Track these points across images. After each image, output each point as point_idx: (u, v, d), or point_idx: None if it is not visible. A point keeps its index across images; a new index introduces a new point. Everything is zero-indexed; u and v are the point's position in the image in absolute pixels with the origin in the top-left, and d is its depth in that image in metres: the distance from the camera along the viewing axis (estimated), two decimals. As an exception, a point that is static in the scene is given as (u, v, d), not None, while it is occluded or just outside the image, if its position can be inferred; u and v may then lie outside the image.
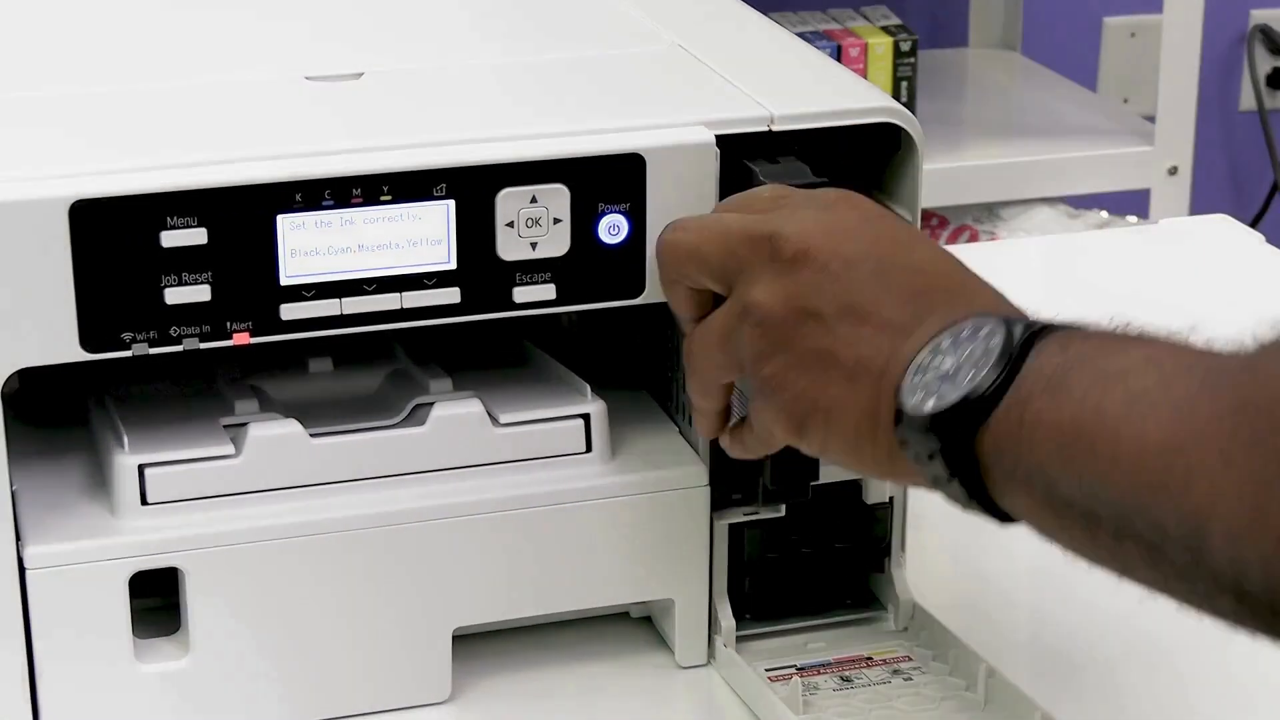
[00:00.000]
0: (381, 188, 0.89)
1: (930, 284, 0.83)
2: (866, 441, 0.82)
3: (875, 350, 0.82)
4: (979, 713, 0.94)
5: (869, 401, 0.81)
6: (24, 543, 0.90)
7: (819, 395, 0.83)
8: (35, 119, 0.95)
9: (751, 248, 0.86)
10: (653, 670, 1.00)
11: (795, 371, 0.84)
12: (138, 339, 0.88)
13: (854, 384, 0.82)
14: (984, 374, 0.76)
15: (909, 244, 0.86)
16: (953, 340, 0.79)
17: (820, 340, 0.83)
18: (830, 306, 0.83)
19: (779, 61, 1.05)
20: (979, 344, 0.78)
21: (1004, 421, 0.76)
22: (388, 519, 0.94)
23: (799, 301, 0.84)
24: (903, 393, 0.79)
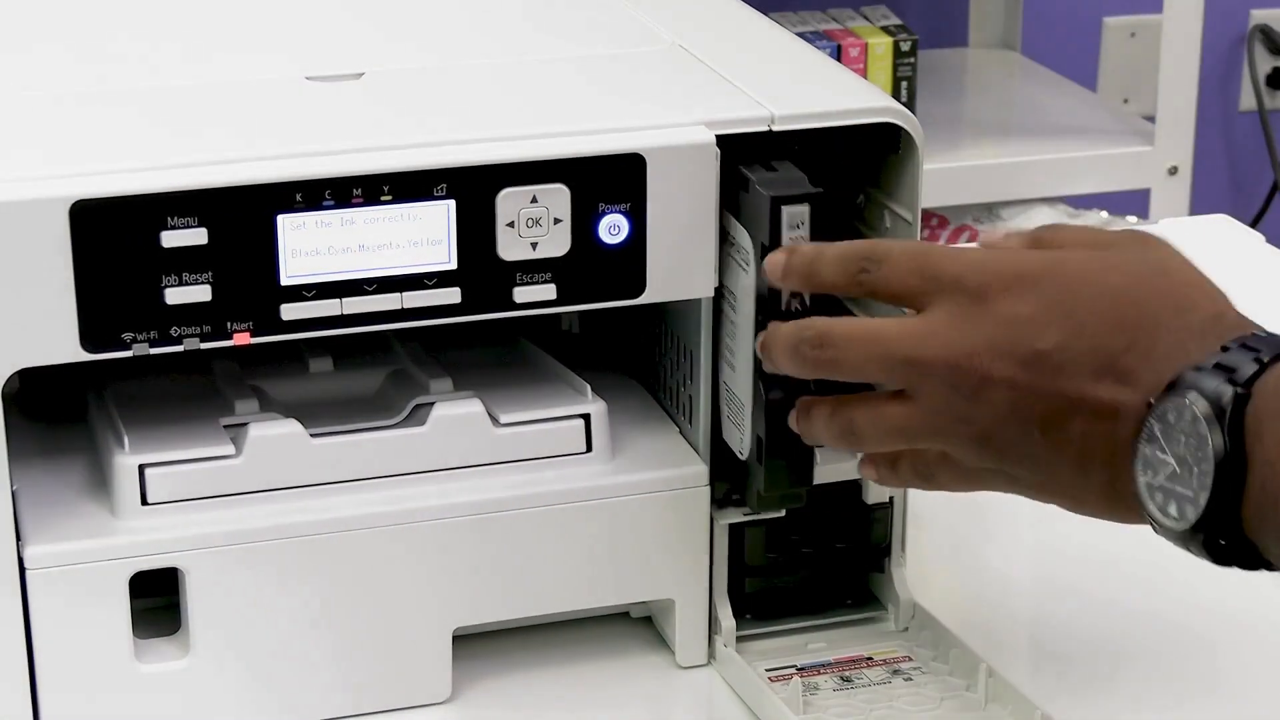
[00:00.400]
0: (382, 188, 0.89)
1: (1138, 339, 0.79)
2: (1116, 508, 0.81)
3: (1093, 441, 0.79)
4: (979, 712, 0.94)
5: (1104, 482, 0.80)
6: (24, 543, 0.90)
7: (1052, 483, 0.82)
8: (36, 119, 0.95)
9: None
10: (653, 670, 1.00)
11: (1014, 458, 0.82)
12: (138, 339, 0.88)
13: (1085, 472, 0.80)
14: (1212, 472, 0.74)
15: (1094, 273, 0.82)
16: (1163, 425, 0.77)
17: (1048, 383, 0.80)
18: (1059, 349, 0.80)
19: (779, 62, 1.04)
20: (1192, 436, 0.75)
21: (1260, 493, 0.74)
22: (388, 519, 0.94)
23: (1022, 342, 0.81)
24: (1142, 494, 0.78)
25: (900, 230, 0.96)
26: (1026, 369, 0.80)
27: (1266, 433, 0.74)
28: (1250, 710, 0.98)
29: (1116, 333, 0.79)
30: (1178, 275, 0.82)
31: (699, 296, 0.95)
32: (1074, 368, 0.79)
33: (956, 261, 0.83)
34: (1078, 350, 0.79)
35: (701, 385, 0.97)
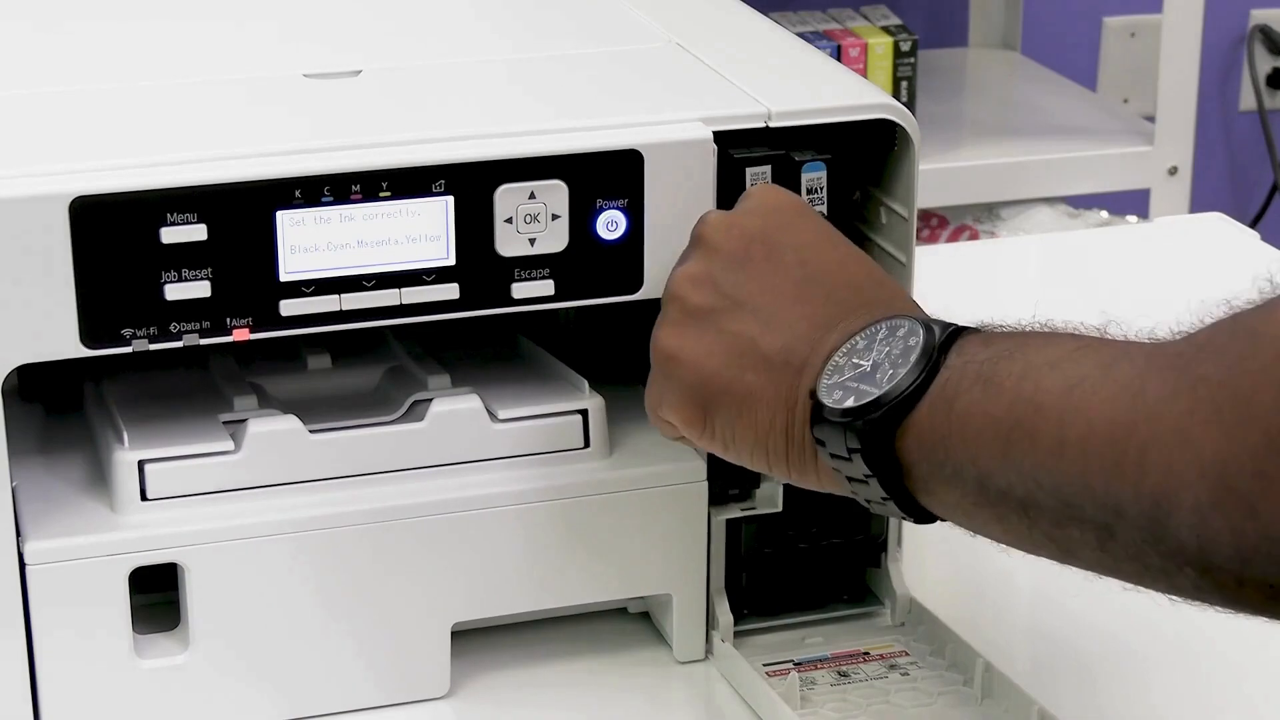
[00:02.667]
0: (380, 184, 0.89)
1: (854, 283, 0.84)
2: (779, 436, 0.82)
3: (798, 339, 0.81)
4: (976, 707, 0.95)
5: (787, 393, 0.81)
6: (24, 538, 0.90)
7: (733, 380, 0.83)
8: (36, 116, 0.95)
9: (690, 245, 0.87)
10: (650, 665, 1.00)
11: (706, 351, 0.83)
12: (138, 335, 0.88)
13: (773, 374, 0.82)
14: (904, 372, 0.77)
15: (831, 239, 0.86)
16: (869, 340, 0.79)
17: (742, 324, 0.83)
18: (749, 293, 0.83)
19: (776, 59, 1.05)
20: (897, 343, 0.78)
21: (928, 418, 0.76)
22: (387, 514, 0.94)
23: (718, 284, 0.84)
24: (820, 391, 0.79)
25: (896, 227, 0.96)
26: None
27: (957, 372, 0.76)
28: (1248, 708, 0.99)
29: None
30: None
31: (696, 292, 0.95)
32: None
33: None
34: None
35: (699, 381, 0.97)
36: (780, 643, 1.00)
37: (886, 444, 0.77)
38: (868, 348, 0.79)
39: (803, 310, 0.82)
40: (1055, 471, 0.71)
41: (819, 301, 0.82)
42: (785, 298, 0.83)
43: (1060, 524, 0.72)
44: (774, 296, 0.83)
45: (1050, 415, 0.71)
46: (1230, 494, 0.64)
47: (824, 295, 0.83)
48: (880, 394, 0.77)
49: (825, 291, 0.83)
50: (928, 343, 0.77)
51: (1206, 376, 0.66)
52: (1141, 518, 0.68)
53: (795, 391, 0.81)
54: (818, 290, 0.83)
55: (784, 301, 0.83)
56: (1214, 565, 0.66)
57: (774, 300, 0.83)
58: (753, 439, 0.83)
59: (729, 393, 0.83)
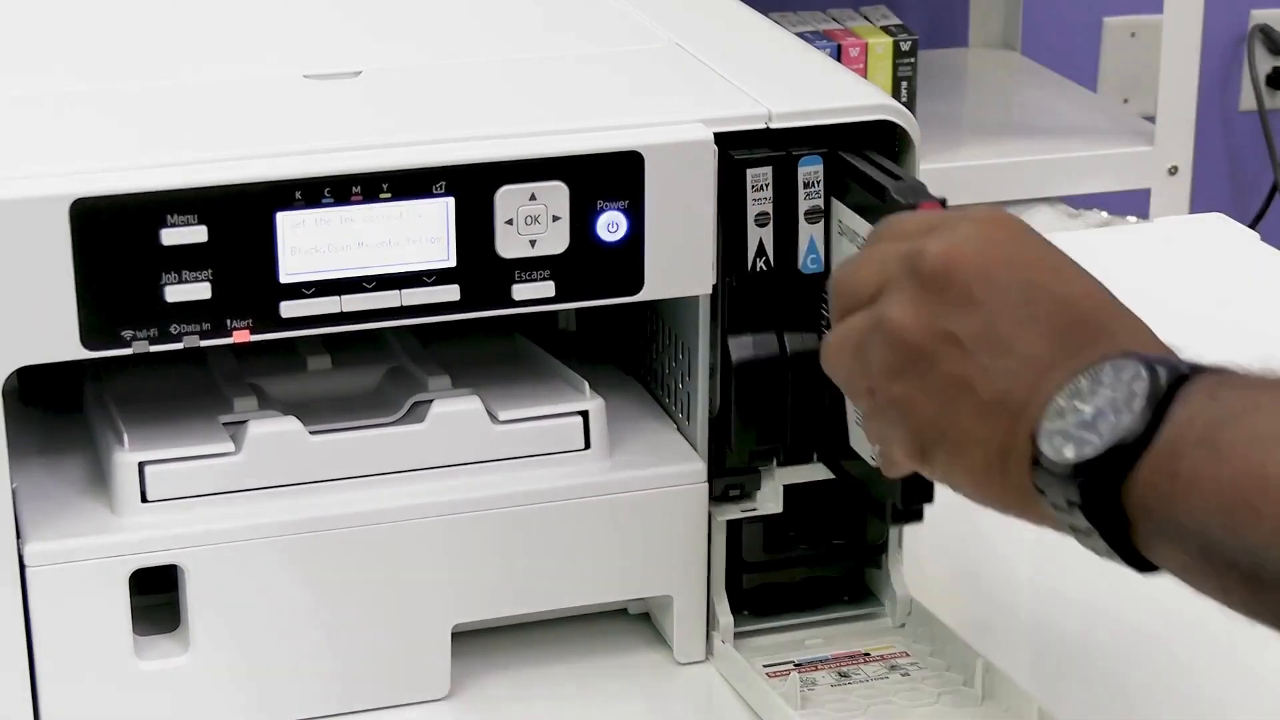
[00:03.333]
0: (381, 185, 0.89)
1: (1079, 318, 0.79)
2: (996, 478, 0.79)
3: (1014, 384, 0.78)
4: (976, 708, 0.95)
5: (1003, 438, 0.78)
6: (24, 540, 0.90)
7: (948, 426, 0.80)
8: (36, 117, 0.95)
9: (899, 265, 0.82)
10: (651, 667, 1.00)
11: (925, 396, 0.80)
12: (138, 337, 0.88)
13: (987, 419, 0.78)
14: (1128, 421, 0.73)
15: (1060, 271, 0.81)
16: (1092, 382, 0.75)
17: (956, 367, 0.79)
18: (970, 333, 0.79)
19: (776, 60, 1.05)
20: (1122, 388, 0.74)
21: (1151, 474, 0.73)
22: (387, 516, 0.94)
23: (938, 323, 0.80)
24: (1040, 440, 0.76)
25: (897, 227, 0.96)
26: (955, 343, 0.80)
27: (1181, 427, 0.73)
28: (1246, 707, 0.99)
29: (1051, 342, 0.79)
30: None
31: (697, 293, 0.95)
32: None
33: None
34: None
35: (699, 382, 0.97)
36: (781, 644, 1.00)
37: (1109, 500, 0.74)
38: (1091, 390, 0.75)
39: (1024, 350, 0.78)
40: (1277, 549, 0.69)
41: (1041, 342, 0.78)
42: (1007, 337, 0.79)
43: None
44: (995, 337, 0.79)
45: (1275, 491, 0.69)
46: None
47: (1046, 333, 0.78)
48: (1101, 445, 0.74)
49: (1048, 329, 0.78)
50: (1153, 389, 0.73)
51: None
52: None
53: (1011, 437, 0.78)
54: (1040, 329, 0.78)
55: (1005, 342, 0.79)
56: None
57: (995, 341, 0.79)
58: (971, 482, 0.80)
59: (945, 437, 0.80)
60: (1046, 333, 0.78)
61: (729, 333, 0.95)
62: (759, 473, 0.98)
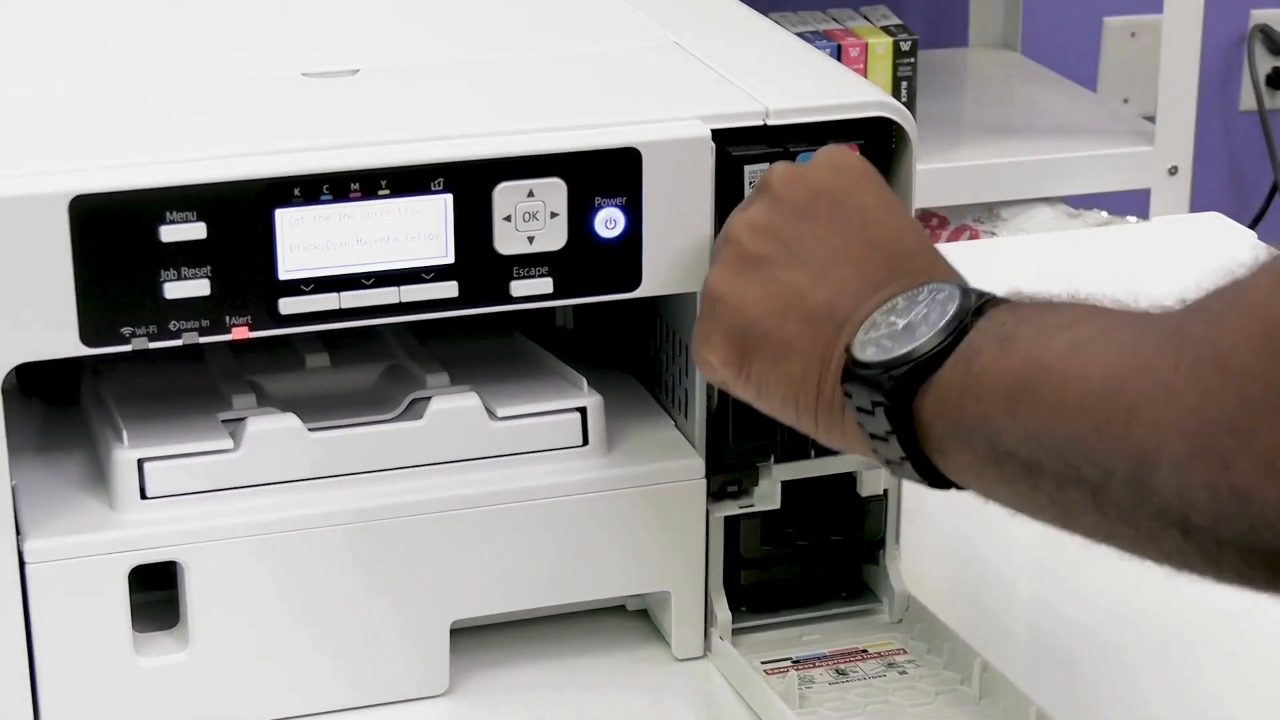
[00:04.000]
0: (379, 182, 0.89)
1: (911, 250, 0.85)
2: (811, 388, 0.83)
3: (843, 297, 0.83)
4: (974, 706, 0.95)
5: (824, 347, 0.82)
6: (24, 537, 0.90)
7: (774, 329, 0.84)
8: (35, 115, 0.95)
9: (755, 191, 0.88)
10: (649, 663, 1.00)
11: (756, 298, 0.84)
12: (137, 334, 0.88)
13: (813, 326, 0.83)
14: (934, 333, 0.78)
15: (897, 210, 0.87)
16: (909, 301, 0.80)
17: (790, 273, 0.84)
18: (810, 242, 0.84)
19: (773, 57, 1.05)
20: (935, 306, 0.79)
21: (949, 379, 0.77)
22: (385, 513, 0.94)
23: (780, 228, 0.85)
24: (854, 346, 0.80)
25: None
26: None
27: (981, 336, 0.77)
28: (1245, 706, 0.99)
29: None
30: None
31: (695, 290, 0.95)
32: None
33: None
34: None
35: (697, 379, 0.97)
36: (778, 640, 1.00)
37: (908, 400, 0.78)
38: (907, 308, 0.80)
39: (855, 270, 0.83)
40: (1055, 430, 0.72)
41: (872, 263, 0.83)
42: (840, 255, 0.84)
43: (1061, 485, 0.72)
44: (830, 252, 0.84)
45: (1053, 374, 0.72)
46: (1206, 449, 0.65)
47: (878, 258, 0.84)
48: (908, 350, 0.78)
49: (880, 255, 0.84)
50: (962, 306, 0.78)
51: (1193, 335, 0.67)
52: (1129, 476, 0.68)
53: (833, 346, 0.82)
54: (873, 253, 0.84)
55: (839, 258, 0.84)
56: (1193, 525, 0.66)
57: (829, 256, 0.84)
58: (785, 388, 0.84)
59: (769, 340, 0.84)
60: (882, 257, 0.84)
61: None
62: (757, 469, 0.98)
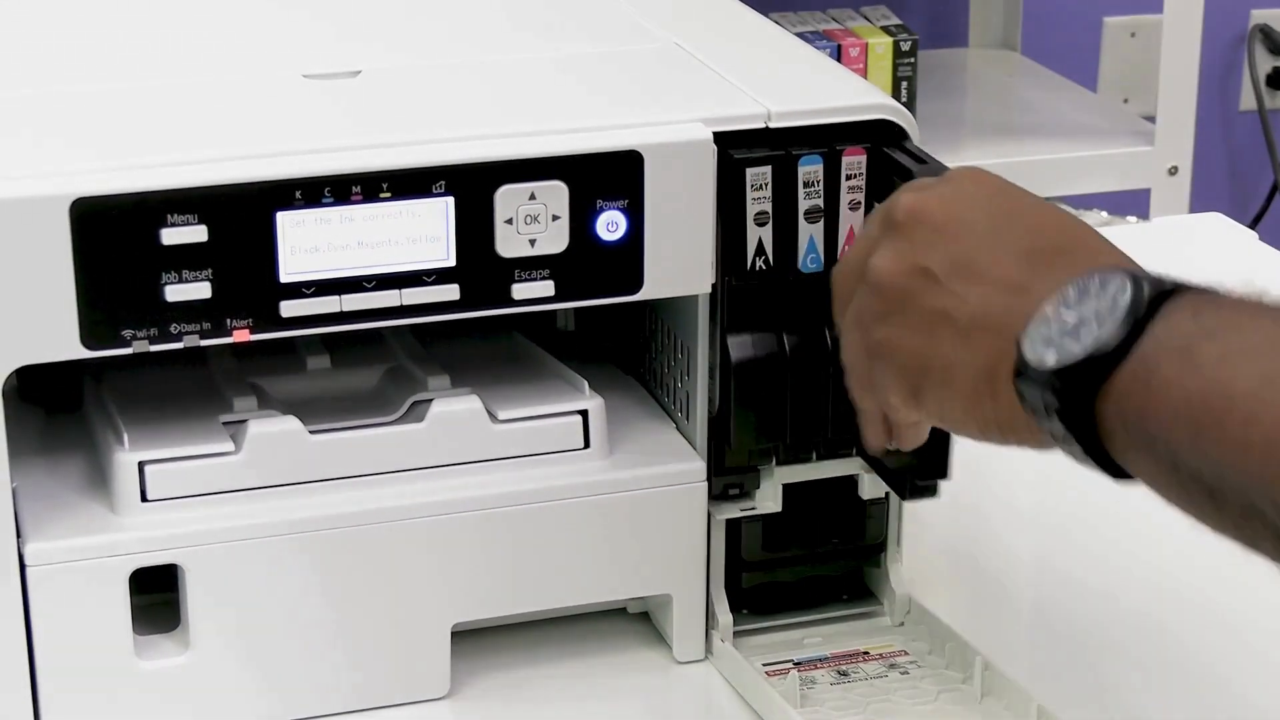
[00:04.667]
0: (381, 185, 0.89)
1: (1050, 243, 0.82)
2: (986, 399, 0.80)
3: (991, 306, 0.80)
4: (975, 706, 0.95)
5: (986, 358, 0.80)
6: (24, 540, 0.90)
7: (933, 354, 0.82)
8: (36, 117, 0.95)
9: (877, 226, 0.85)
10: (650, 666, 1.00)
11: (908, 332, 0.83)
12: (138, 336, 0.88)
13: (969, 341, 0.81)
14: (1109, 331, 0.75)
15: (1030, 206, 0.85)
16: (1078, 294, 0.77)
17: (932, 299, 0.82)
18: (943, 265, 0.82)
19: (775, 59, 1.05)
20: (1105, 300, 0.76)
21: (1128, 383, 0.74)
22: (387, 515, 0.94)
23: (911, 261, 0.83)
24: (1025, 346, 0.77)
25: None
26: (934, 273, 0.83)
27: (1161, 340, 0.74)
28: (1244, 705, 0.99)
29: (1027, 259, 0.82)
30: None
31: (696, 293, 0.95)
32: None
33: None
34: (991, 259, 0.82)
35: (698, 381, 0.97)
36: (780, 642, 1.00)
37: (1086, 404, 0.76)
38: (1078, 301, 0.77)
39: (996, 274, 0.81)
40: (1240, 468, 0.70)
41: (1011, 265, 0.81)
42: (979, 264, 0.82)
43: (1246, 516, 0.71)
44: (967, 266, 0.82)
45: (1240, 409, 0.70)
46: None
47: (1019, 256, 0.81)
48: (1080, 352, 0.75)
49: (1020, 253, 0.81)
50: (1136, 301, 0.75)
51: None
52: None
53: (996, 354, 0.80)
54: (1011, 253, 0.81)
55: (977, 269, 0.82)
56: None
57: (966, 270, 0.82)
58: (962, 409, 0.82)
59: (930, 369, 0.82)
60: (1016, 257, 0.81)
61: (728, 332, 0.95)
62: (758, 472, 0.98)
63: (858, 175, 0.95)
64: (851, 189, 0.95)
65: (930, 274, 0.82)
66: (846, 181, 0.95)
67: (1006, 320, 0.79)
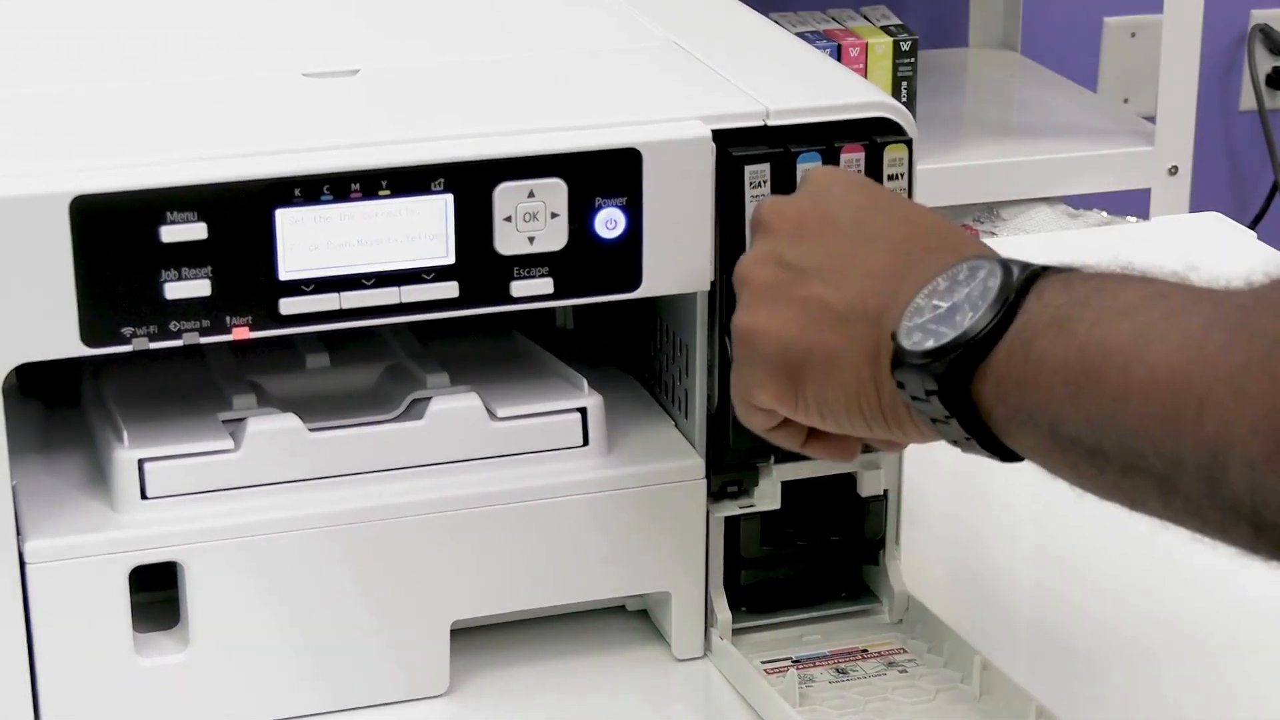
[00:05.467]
0: (380, 182, 0.90)
1: (915, 233, 0.84)
2: (870, 389, 0.81)
3: (864, 295, 0.82)
4: (974, 704, 0.95)
5: (867, 346, 0.81)
6: (24, 537, 0.90)
7: (813, 343, 0.83)
8: (36, 115, 0.95)
9: (752, 233, 0.87)
10: (649, 663, 1.00)
11: (783, 319, 0.83)
12: (138, 334, 0.88)
13: (848, 328, 0.82)
14: (982, 313, 0.76)
15: (889, 200, 0.87)
16: (949, 282, 0.79)
17: (805, 289, 0.83)
18: (810, 261, 0.84)
19: (773, 58, 1.05)
20: (977, 285, 0.78)
21: (1006, 360, 0.76)
22: (386, 513, 0.94)
23: (775, 254, 0.85)
24: (900, 334, 0.79)
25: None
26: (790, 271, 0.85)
27: (1035, 315, 0.75)
28: (1243, 705, 0.99)
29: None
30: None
31: (695, 290, 0.95)
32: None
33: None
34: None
35: (697, 379, 0.97)
36: (779, 640, 1.00)
37: (963, 386, 0.77)
38: (949, 289, 0.79)
39: (868, 264, 0.82)
40: (1119, 419, 0.71)
41: (883, 255, 0.82)
42: (848, 256, 0.83)
43: (1126, 473, 0.71)
44: (837, 258, 0.83)
45: (1116, 363, 0.71)
46: (1278, 448, 0.64)
47: (888, 248, 0.83)
48: (956, 335, 0.77)
49: (889, 244, 0.83)
50: (1006, 284, 0.77)
51: (1263, 329, 0.66)
52: (1198, 469, 0.67)
53: (876, 342, 0.81)
54: (880, 245, 0.83)
55: (847, 260, 0.83)
56: (1267, 523, 0.65)
57: (837, 261, 0.83)
58: (844, 399, 0.83)
59: (811, 356, 0.83)
60: (885, 249, 0.83)
61: (726, 330, 0.95)
62: (757, 469, 0.98)
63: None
64: None
65: (797, 267, 0.84)
66: None
67: (885, 307, 0.81)
